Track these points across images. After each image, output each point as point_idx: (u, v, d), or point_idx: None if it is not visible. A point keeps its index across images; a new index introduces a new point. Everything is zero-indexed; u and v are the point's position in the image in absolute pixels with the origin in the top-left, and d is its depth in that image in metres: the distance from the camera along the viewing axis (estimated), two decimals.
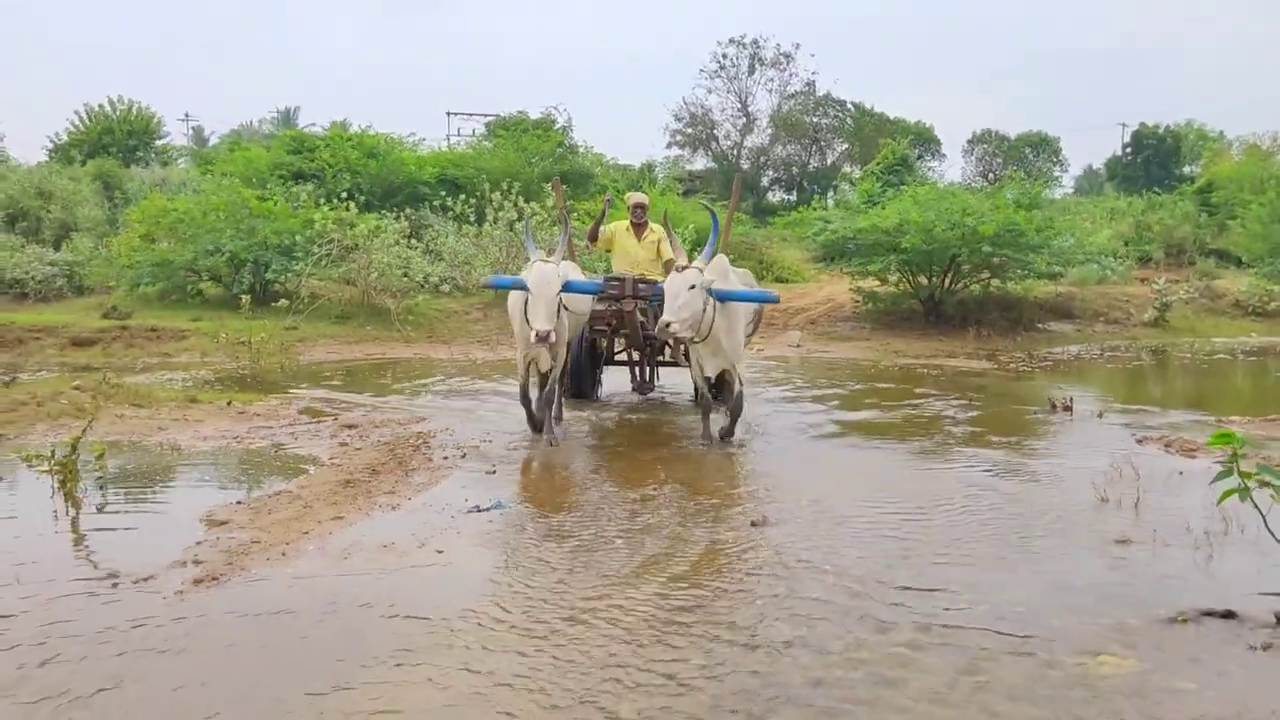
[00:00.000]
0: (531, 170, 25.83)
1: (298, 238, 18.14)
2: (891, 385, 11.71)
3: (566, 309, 7.51)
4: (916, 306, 18.25)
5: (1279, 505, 3.47)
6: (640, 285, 7.88)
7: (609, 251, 9.09)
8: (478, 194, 21.62)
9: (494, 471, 6.68)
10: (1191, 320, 19.31)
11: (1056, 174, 54.67)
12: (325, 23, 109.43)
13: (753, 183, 48.88)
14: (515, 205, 20.18)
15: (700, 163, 50.02)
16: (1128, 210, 29.24)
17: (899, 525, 5.32)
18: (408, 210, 22.53)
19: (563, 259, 7.60)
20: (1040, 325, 18.30)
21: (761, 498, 5.99)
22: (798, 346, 16.25)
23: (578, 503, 5.85)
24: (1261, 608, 3.89)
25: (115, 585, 4.24)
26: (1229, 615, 3.89)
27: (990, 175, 49.94)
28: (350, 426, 8.33)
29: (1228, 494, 3.62)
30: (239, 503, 5.70)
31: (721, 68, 49.83)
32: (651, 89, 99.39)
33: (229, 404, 9.32)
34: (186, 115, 48.80)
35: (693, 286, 6.73)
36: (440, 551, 4.81)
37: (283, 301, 17.25)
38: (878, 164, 35.15)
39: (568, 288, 7.29)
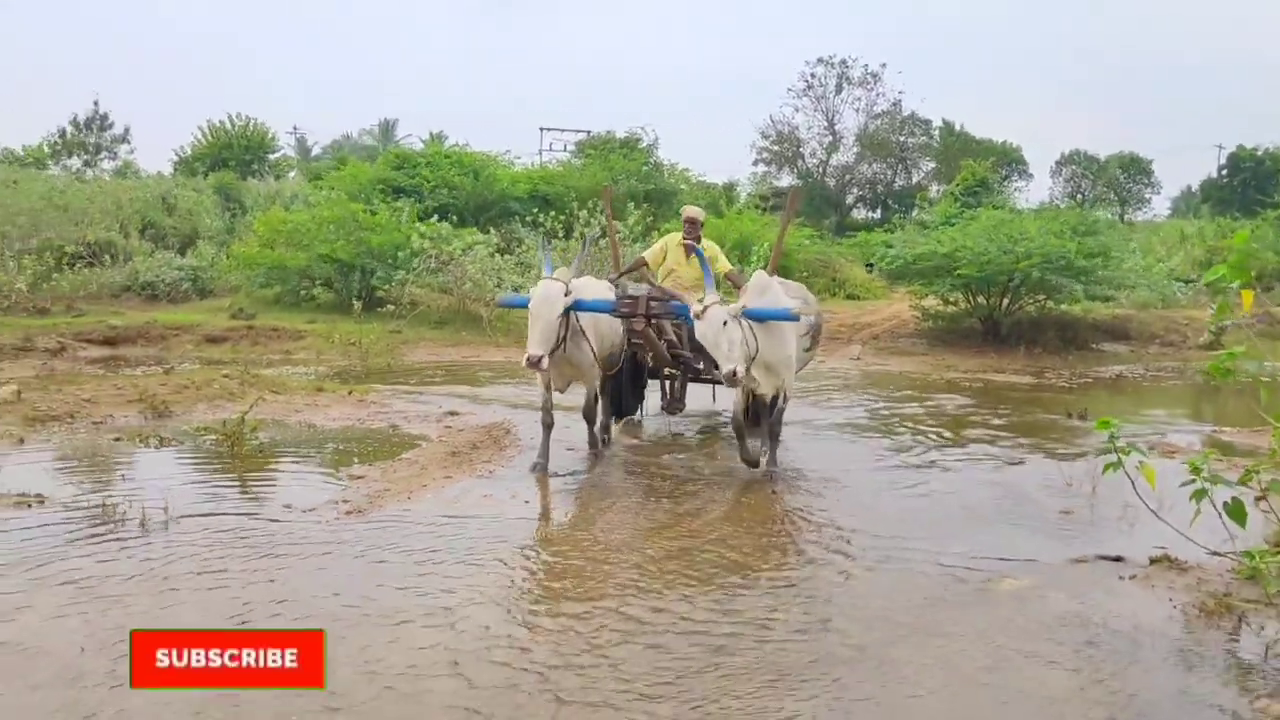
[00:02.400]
0: (618, 188, 27.33)
1: (399, 253, 19.87)
2: (932, 393, 12.82)
3: (582, 331, 7.18)
4: (975, 325, 19.18)
5: (1142, 475, 4.66)
6: (653, 303, 7.47)
7: (660, 265, 8.62)
8: (567, 210, 23.16)
9: (571, 450, 8.10)
10: (1248, 345, 19.81)
11: (1148, 195, 54.61)
12: (419, 35, 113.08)
13: (837, 200, 49.92)
14: (600, 223, 21.70)
15: (786, 180, 51.16)
16: (1199, 235, 29.45)
17: (897, 499, 6.63)
18: (500, 224, 24.23)
19: (584, 274, 7.35)
20: (1094, 345, 19.06)
21: (782, 475, 7.33)
22: (858, 359, 17.42)
23: (637, 474, 7.28)
24: (1145, 555, 5.12)
25: (290, 511, 5.80)
26: (1118, 559, 5.12)
27: (1079, 196, 49.76)
28: (452, 413, 9.85)
29: (1109, 467, 4.82)
30: (370, 464, 7.24)
31: (809, 86, 50.98)
32: (742, 106, 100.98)
33: (350, 393, 10.95)
34: (295, 128, 51.59)
35: (725, 323, 6.39)
36: (528, 502, 6.30)
37: (388, 307, 19.07)
38: (957, 185, 35.92)
39: (579, 306, 7.03)
